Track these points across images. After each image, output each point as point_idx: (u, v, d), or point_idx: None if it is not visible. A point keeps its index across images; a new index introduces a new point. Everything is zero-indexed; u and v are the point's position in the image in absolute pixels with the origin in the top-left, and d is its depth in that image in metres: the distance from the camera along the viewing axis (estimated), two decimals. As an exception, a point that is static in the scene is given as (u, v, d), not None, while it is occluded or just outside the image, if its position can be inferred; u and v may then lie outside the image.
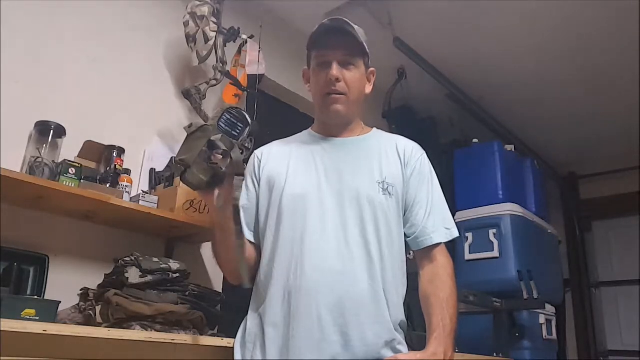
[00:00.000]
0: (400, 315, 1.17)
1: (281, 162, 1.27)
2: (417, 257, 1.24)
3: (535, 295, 2.67)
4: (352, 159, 1.24)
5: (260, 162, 1.30)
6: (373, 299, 1.11)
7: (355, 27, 1.25)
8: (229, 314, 1.71)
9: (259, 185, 1.27)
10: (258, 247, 1.25)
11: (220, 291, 1.94)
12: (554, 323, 2.95)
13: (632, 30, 2.60)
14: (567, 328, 3.83)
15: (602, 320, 3.94)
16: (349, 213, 1.16)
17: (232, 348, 1.21)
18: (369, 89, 1.31)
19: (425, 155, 1.31)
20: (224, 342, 1.29)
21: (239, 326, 1.23)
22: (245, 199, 1.28)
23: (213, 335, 1.50)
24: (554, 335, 2.95)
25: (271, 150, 1.32)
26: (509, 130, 3.58)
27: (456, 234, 1.25)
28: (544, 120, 3.61)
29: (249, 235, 1.25)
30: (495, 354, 2.33)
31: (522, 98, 3.34)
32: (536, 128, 3.69)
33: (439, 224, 1.23)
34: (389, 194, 1.19)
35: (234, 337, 1.29)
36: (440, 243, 1.22)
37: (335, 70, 1.21)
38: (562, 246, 3.80)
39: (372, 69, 1.32)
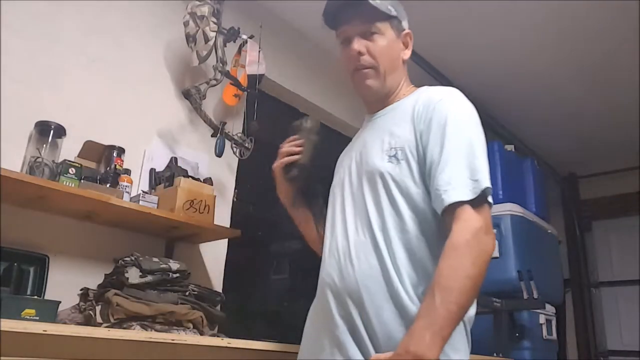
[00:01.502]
0: (417, 294, 0.98)
1: (341, 157, 1.31)
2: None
3: (535, 295, 2.67)
4: (374, 132, 1.17)
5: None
6: (378, 277, 1.00)
7: None
8: (229, 314, 1.72)
9: None
10: None
11: (220, 291, 1.95)
12: (554, 323, 2.95)
13: (632, 30, 2.60)
14: (567, 328, 3.83)
15: (602, 320, 3.94)
16: (357, 190, 1.13)
17: (234, 348, 1.23)
18: (407, 54, 1.20)
19: (447, 99, 1.08)
20: (224, 342, 1.29)
21: (239, 326, 1.24)
22: None
23: (213, 335, 1.51)
24: (554, 335, 2.95)
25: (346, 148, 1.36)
26: (509, 130, 3.58)
27: (485, 184, 0.96)
28: (544, 120, 3.60)
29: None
30: (495, 354, 2.32)
31: (522, 98, 3.34)
32: (536, 128, 3.69)
33: (456, 177, 0.97)
34: (397, 159, 1.06)
35: (234, 337, 1.29)
36: (460, 202, 0.95)
37: (356, 44, 1.13)
38: (562, 246, 3.80)
39: (407, 31, 1.20)
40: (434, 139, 1.03)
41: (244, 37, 2.18)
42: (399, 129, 1.10)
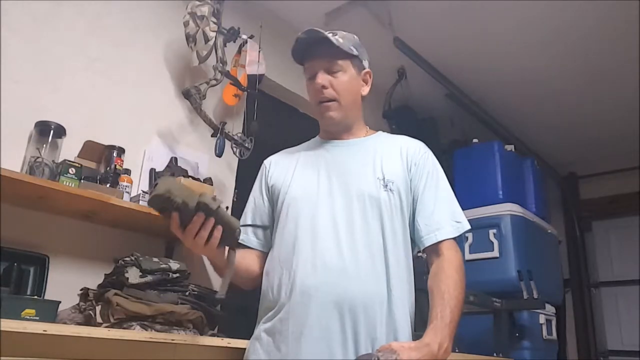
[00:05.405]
0: (405, 314, 1.14)
1: (287, 168, 1.30)
2: (426, 254, 1.23)
3: (535, 295, 2.67)
4: (354, 159, 1.26)
5: (268, 170, 1.34)
6: (375, 298, 1.10)
7: (341, 32, 1.27)
8: (229, 314, 1.72)
9: (268, 192, 1.31)
10: (266, 254, 1.27)
11: (220, 291, 1.94)
12: (554, 323, 2.95)
13: (632, 30, 2.60)
14: (567, 328, 3.83)
15: (602, 320, 3.94)
16: (354, 212, 1.17)
17: (234, 348, 1.22)
18: (365, 90, 1.32)
19: (429, 152, 1.31)
20: (224, 342, 1.29)
21: (239, 326, 1.23)
22: (252, 205, 1.33)
23: (213, 335, 1.50)
24: (554, 335, 2.95)
25: (279, 159, 1.36)
26: (509, 130, 3.58)
27: (466, 226, 1.23)
28: (544, 120, 3.60)
29: (256, 244, 1.29)
30: (495, 354, 2.32)
31: (523, 98, 3.34)
32: (536, 128, 3.69)
33: (445, 219, 1.21)
34: (390, 190, 1.19)
35: (234, 337, 1.29)
36: (447, 239, 1.20)
37: (320, 78, 1.24)
38: (562, 246, 3.80)
39: (367, 70, 1.32)
40: (428, 185, 1.24)
41: (244, 37, 2.18)
42: (390, 165, 1.23)
